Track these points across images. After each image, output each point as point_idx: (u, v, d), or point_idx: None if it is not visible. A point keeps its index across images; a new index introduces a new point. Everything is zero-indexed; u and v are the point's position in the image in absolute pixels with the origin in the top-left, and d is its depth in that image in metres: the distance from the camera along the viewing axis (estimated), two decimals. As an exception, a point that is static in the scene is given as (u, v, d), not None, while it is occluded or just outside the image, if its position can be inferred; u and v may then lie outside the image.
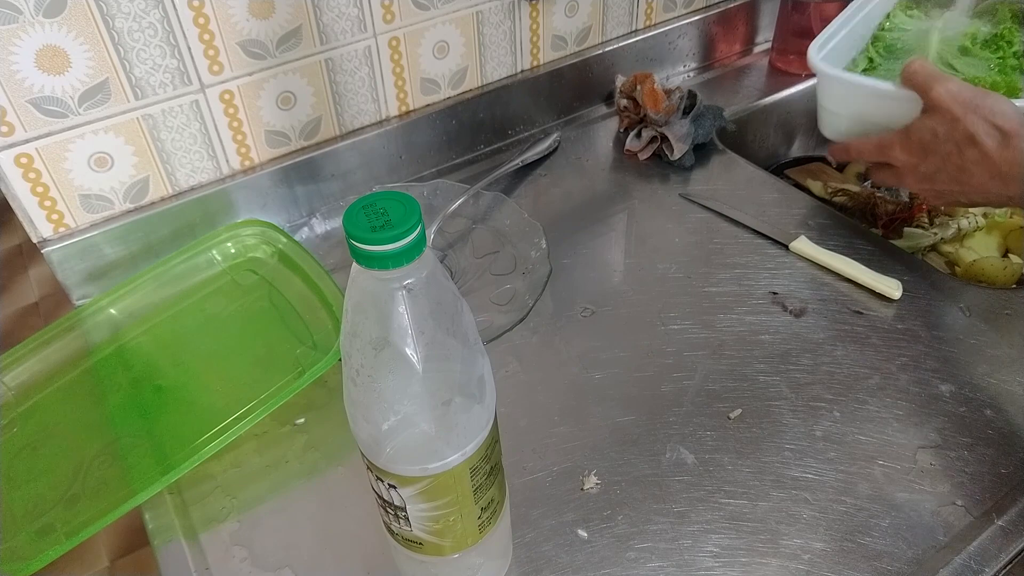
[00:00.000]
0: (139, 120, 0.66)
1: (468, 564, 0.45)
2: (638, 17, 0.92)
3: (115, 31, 0.61)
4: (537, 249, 0.71)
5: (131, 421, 0.58)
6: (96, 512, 0.51)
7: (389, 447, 0.37)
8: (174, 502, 0.54)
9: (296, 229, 0.75)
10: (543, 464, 0.55)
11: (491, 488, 0.42)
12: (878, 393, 0.58)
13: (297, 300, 0.65)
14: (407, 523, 0.41)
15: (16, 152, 0.62)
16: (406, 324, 0.33)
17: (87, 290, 0.69)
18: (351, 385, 0.36)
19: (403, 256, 0.32)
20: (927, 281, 0.67)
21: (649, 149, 0.84)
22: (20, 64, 0.58)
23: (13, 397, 0.60)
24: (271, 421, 0.58)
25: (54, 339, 0.63)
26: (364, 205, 0.32)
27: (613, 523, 0.51)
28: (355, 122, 0.78)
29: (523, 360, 0.62)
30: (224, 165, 0.72)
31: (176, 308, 0.66)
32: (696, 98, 0.84)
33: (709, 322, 0.64)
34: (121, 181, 0.68)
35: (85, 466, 0.55)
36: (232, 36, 0.66)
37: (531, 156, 0.83)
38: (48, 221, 0.66)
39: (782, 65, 0.98)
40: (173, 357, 0.63)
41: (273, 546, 0.51)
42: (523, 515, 0.51)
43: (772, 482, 0.53)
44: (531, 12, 0.83)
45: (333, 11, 0.70)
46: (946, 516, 0.50)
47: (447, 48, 0.79)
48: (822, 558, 0.48)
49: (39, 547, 0.50)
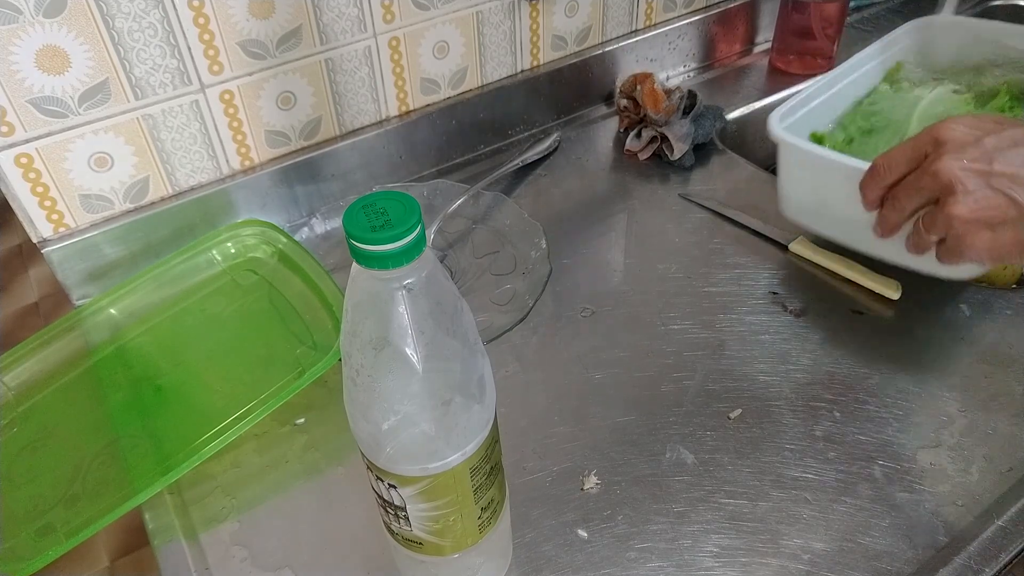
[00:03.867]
0: (139, 120, 0.66)
1: (468, 564, 0.45)
2: (638, 17, 0.92)
3: (115, 31, 0.61)
4: (537, 249, 0.71)
5: (131, 421, 0.58)
6: (96, 512, 0.51)
7: (389, 447, 0.37)
8: (174, 502, 0.54)
9: (296, 229, 0.75)
10: (543, 464, 0.55)
11: (491, 488, 0.42)
12: (878, 393, 0.58)
13: (297, 300, 0.65)
14: (407, 523, 0.41)
15: (16, 152, 0.62)
16: (406, 324, 0.33)
17: (87, 290, 0.69)
18: (351, 385, 0.36)
19: (403, 256, 0.32)
20: (927, 281, 0.67)
21: (649, 149, 0.84)
22: (20, 64, 0.58)
23: (13, 397, 0.60)
24: (271, 421, 0.58)
25: (54, 339, 0.63)
26: (364, 205, 0.32)
27: (613, 523, 0.51)
28: (355, 122, 0.78)
29: (523, 360, 0.62)
30: (224, 165, 0.72)
31: (176, 308, 0.66)
32: (696, 98, 0.84)
33: (709, 322, 0.64)
34: (121, 181, 0.68)
35: (85, 466, 0.55)
36: (232, 36, 0.66)
37: (531, 156, 0.83)
38: (48, 221, 0.66)
39: (782, 65, 0.98)
40: (173, 357, 0.63)
41: (273, 546, 0.51)
42: (523, 515, 0.51)
43: (772, 482, 0.53)
44: (531, 12, 0.83)
45: (333, 11, 0.70)
46: (946, 516, 0.50)
47: (447, 48, 0.79)
48: (822, 558, 0.48)
49: (39, 547, 0.50)
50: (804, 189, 0.62)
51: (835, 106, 0.69)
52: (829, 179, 0.58)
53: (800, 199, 0.63)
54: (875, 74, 0.73)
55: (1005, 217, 0.42)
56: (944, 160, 0.43)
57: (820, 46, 0.94)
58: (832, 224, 0.62)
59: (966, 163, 0.42)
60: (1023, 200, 0.41)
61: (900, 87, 0.71)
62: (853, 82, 0.69)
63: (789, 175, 0.62)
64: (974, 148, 0.42)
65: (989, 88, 0.70)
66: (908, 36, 0.76)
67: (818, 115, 0.66)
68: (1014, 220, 0.41)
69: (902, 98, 0.69)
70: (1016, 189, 0.41)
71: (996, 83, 0.71)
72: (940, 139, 0.43)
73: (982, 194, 0.42)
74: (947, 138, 0.43)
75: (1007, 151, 0.41)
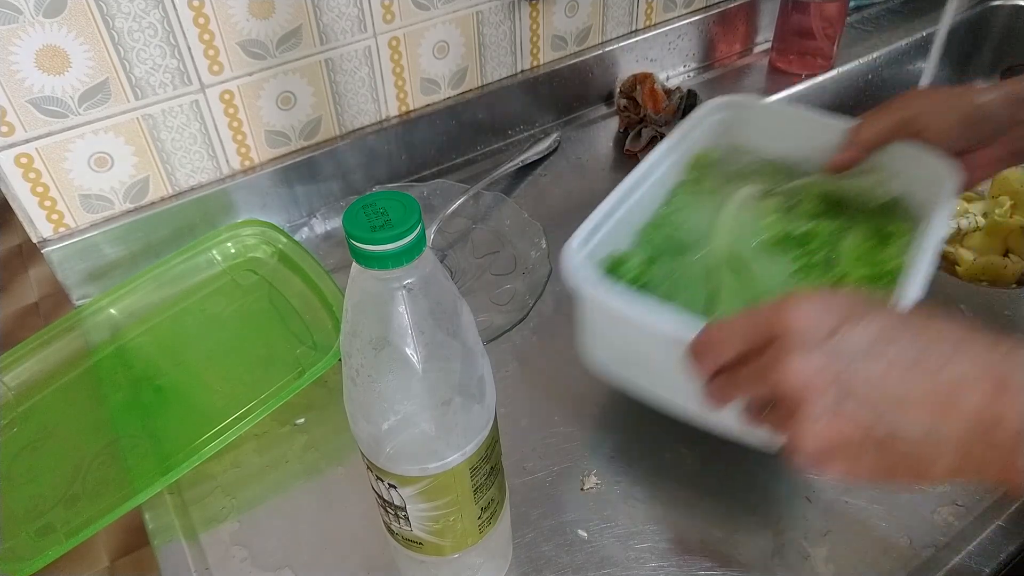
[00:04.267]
0: (139, 120, 0.66)
1: (468, 564, 0.45)
2: (638, 17, 0.92)
3: (115, 31, 0.61)
4: (537, 249, 0.71)
5: (131, 421, 0.58)
6: (96, 512, 0.51)
7: (389, 447, 0.37)
8: (174, 502, 0.54)
9: (296, 229, 0.75)
10: (543, 464, 0.55)
11: (491, 488, 0.42)
12: (878, 393, 0.58)
13: (297, 300, 0.65)
14: (407, 523, 0.41)
15: (16, 152, 0.62)
16: (406, 324, 0.33)
17: (87, 290, 0.69)
18: (351, 385, 0.36)
19: (403, 256, 0.32)
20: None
21: (649, 149, 0.84)
22: (20, 64, 0.58)
23: (13, 397, 0.60)
24: (271, 421, 0.58)
25: (54, 339, 0.63)
26: (364, 205, 0.32)
27: (613, 523, 0.51)
28: (355, 122, 0.78)
29: (523, 360, 0.62)
30: (224, 165, 0.72)
31: (176, 308, 0.66)
32: (696, 98, 0.84)
33: (709, 322, 0.64)
34: (121, 181, 0.68)
35: (85, 466, 0.55)
36: (232, 36, 0.66)
37: (531, 156, 0.83)
38: (48, 221, 0.66)
39: (782, 65, 0.98)
40: (173, 357, 0.63)
41: (273, 546, 0.51)
42: (523, 515, 0.51)
43: (772, 480, 0.53)
44: (531, 12, 0.83)
45: (333, 11, 0.70)
46: (946, 516, 0.50)
47: (447, 48, 0.79)
48: (823, 558, 0.48)
49: (39, 547, 0.50)
50: (611, 344, 0.52)
51: (635, 219, 0.58)
52: (641, 342, 0.49)
53: (606, 354, 0.53)
54: (674, 173, 0.62)
55: (859, 449, 0.35)
56: (791, 362, 0.35)
57: (820, 46, 0.94)
58: (647, 386, 0.52)
59: (815, 371, 0.34)
60: (879, 428, 0.34)
61: (700, 188, 0.62)
62: (652, 186, 0.59)
63: (591, 328, 0.52)
64: (824, 350, 0.35)
65: (795, 189, 0.61)
66: (705, 124, 0.64)
67: (619, 231, 0.56)
68: (871, 448, 0.34)
69: (703, 203, 0.60)
70: (871, 410, 0.34)
71: (801, 184, 0.61)
72: (786, 328, 0.35)
73: (833, 420, 0.34)
74: (794, 328, 0.35)
75: (861, 360, 0.34)
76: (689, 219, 0.59)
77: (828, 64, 0.96)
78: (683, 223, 0.59)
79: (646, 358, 0.50)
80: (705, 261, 0.56)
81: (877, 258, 0.54)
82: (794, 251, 0.56)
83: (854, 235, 0.57)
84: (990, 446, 0.32)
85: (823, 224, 0.57)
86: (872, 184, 0.59)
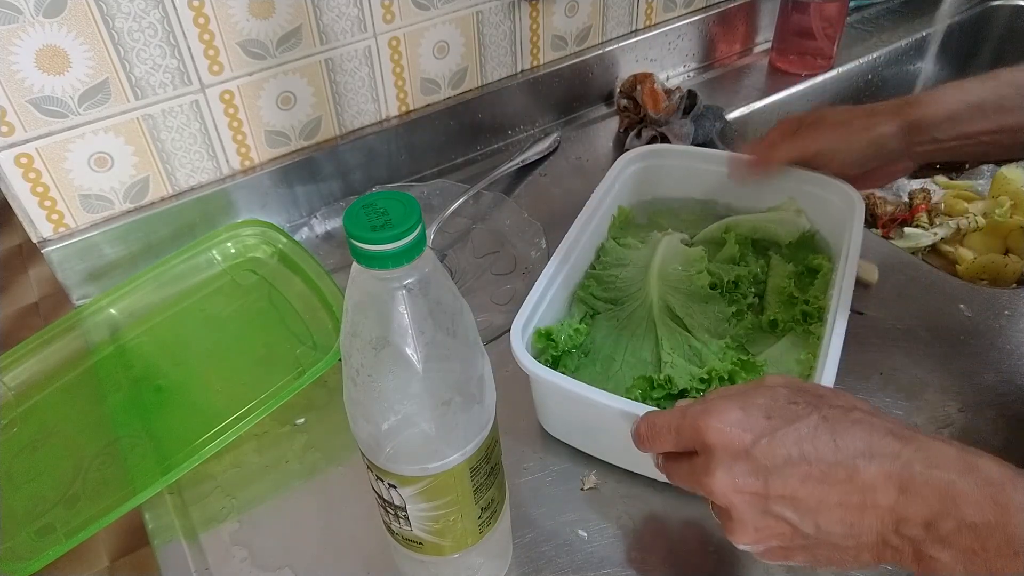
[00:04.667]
0: (139, 120, 0.66)
1: (468, 564, 0.45)
2: (638, 17, 0.92)
3: (115, 31, 0.61)
4: (537, 249, 0.71)
5: (131, 421, 0.58)
6: (96, 512, 0.51)
7: (389, 447, 0.37)
8: (174, 502, 0.54)
9: (296, 229, 0.75)
10: (543, 464, 0.55)
11: (491, 488, 0.42)
12: (878, 393, 0.58)
13: (297, 300, 0.65)
14: (407, 523, 0.41)
15: (16, 152, 0.62)
16: (406, 324, 0.33)
17: (87, 290, 0.69)
18: (351, 385, 0.36)
19: (403, 256, 0.32)
20: (927, 281, 0.67)
21: (649, 149, 0.84)
22: (20, 64, 0.58)
23: (13, 397, 0.60)
24: (271, 421, 0.58)
25: (54, 339, 0.63)
26: (364, 205, 0.32)
27: (613, 523, 0.51)
28: (355, 122, 0.78)
29: (523, 360, 0.62)
30: (224, 165, 0.72)
31: (176, 308, 0.66)
32: (696, 98, 0.84)
33: (709, 322, 0.64)
34: (121, 181, 0.68)
35: (85, 466, 0.55)
36: (232, 36, 0.66)
37: (531, 156, 0.83)
38: (48, 221, 0.66)
39: (782, 65, 0.98)
40: (173, 357, 0.63)
41: (273, 546, 0.51)
42: (523, 515, 0.51)
43: (772, 482, 0.52)
44: (531, 12, 0.83)
45: (333, 11, 0.70)
46: None
47: (447, 48, 0.79)
48: (822, 558, 0.48)
49: (39, 547, 0.50)
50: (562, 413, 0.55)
51: (572, 283, 0.61)
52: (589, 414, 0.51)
53: (560, 421, 0.56)
54: (601, 229, 0.65)
55: (790, 544, 0.38)
56: (715, 476, 0.38)
57: (820, 46, 0.94)
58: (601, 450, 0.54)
59: (739, 483, 0.37)
60: (804, 527, 0.37)
61: (627, 243, 0.65)
62: (583, 248, 0.61)
63: (542, 401, 0.55)
64: (746, 462, 0.37)
65: (716, 231, 0.65)
66: (624, 177, 0.67)
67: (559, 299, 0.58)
68: (800, 545, 0.38)
69: (633, 257, 0.63)
70: (794, 513, 0.37)
71: (723, 224, 0.66)
72: (708, 444, 0.38)
73: (762, 523, 0.37)
74: (715, 443, 0.38)
75: (780, 472, 0.37)
76: (623, 277, 0.61)
77: (828, 64, 0.96)
78: (616, 282, 0.61)
79: (595, 428, 0.53)
80: (643, 312, 0.59)
81: (802, 297, 0.59)
82: (726, 296, 0.60)
83: (778, 274, 0.62)
84: (903, 538, 0.35)
85: (749, 267, 0.62)
86: (786, 218, 0.65)
